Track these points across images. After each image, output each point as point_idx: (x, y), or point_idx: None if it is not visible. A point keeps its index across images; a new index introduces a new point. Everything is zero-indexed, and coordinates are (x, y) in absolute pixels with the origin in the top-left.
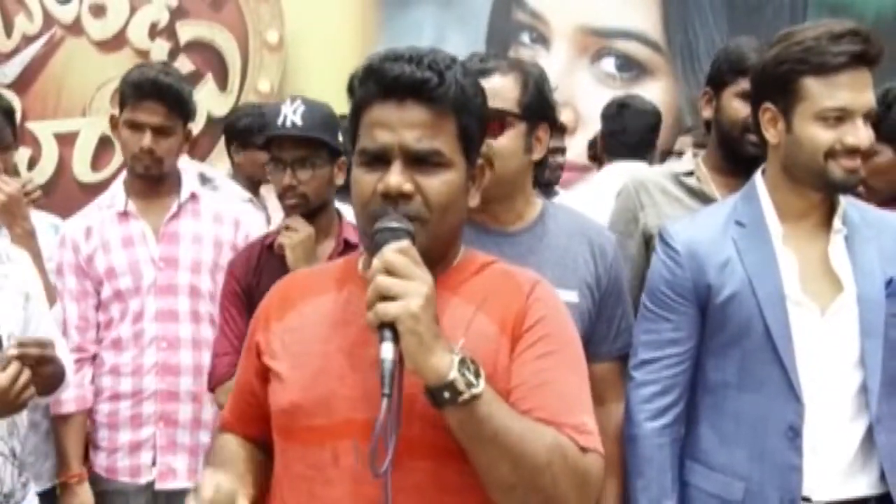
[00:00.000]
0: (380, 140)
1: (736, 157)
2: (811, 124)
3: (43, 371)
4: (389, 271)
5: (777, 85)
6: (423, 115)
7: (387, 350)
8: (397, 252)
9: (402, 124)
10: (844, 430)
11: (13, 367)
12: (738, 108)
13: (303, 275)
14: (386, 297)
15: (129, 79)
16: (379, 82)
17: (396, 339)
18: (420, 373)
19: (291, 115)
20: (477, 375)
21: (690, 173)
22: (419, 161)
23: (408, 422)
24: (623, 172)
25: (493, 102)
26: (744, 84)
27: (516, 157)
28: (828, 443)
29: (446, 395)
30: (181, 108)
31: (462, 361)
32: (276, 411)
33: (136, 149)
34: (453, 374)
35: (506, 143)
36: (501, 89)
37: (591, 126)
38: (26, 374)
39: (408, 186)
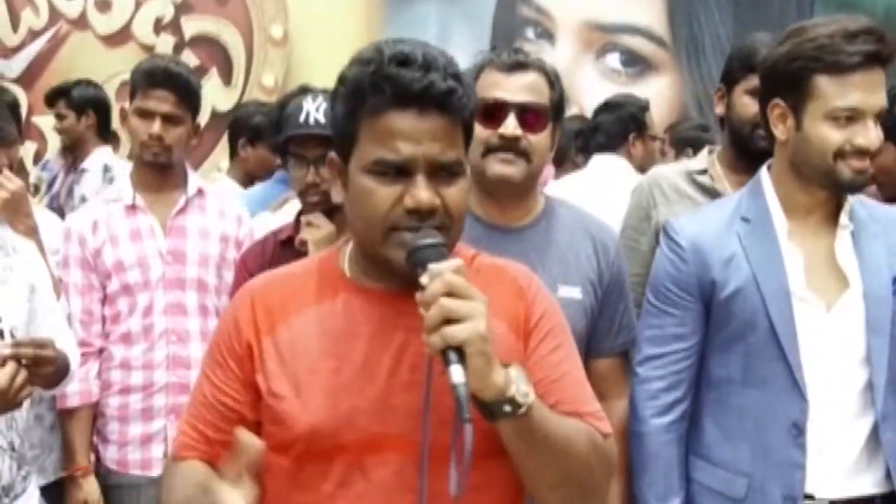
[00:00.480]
0: (404, 152)
1: (747, 154)
2: (821, 123)
3: (41, 371)
4: (451, 293)
5: (788, 81)
6: (442, 124)
7: (458, 374)
8: (455, 272)
9: (425, 135)
10: (849, 427)
11: (10, 367)
12: (747, 105)
13: (274, 282)
14: (451, 320)
15: (141, 68)
16: (400, 90)
17: (461, 360)
18: (483, 390)
19: (314, 112)
20: (526, 384)
21: (704, 171)
22: (439, 171)
23: (442, 429)
24: (600, 165)
25: (534, 98)
26: (754, 80)
27: (547, 153)
28: (833, 440)
29: (507, 408)
30: (190, 98)
31: (516, 373)
32: (287, 435)
33: (145, 136)
34: (513, 388)
35: (542, 140)
36: (539, 86)
37: None
38: (23, 374)
39: (436, 201)
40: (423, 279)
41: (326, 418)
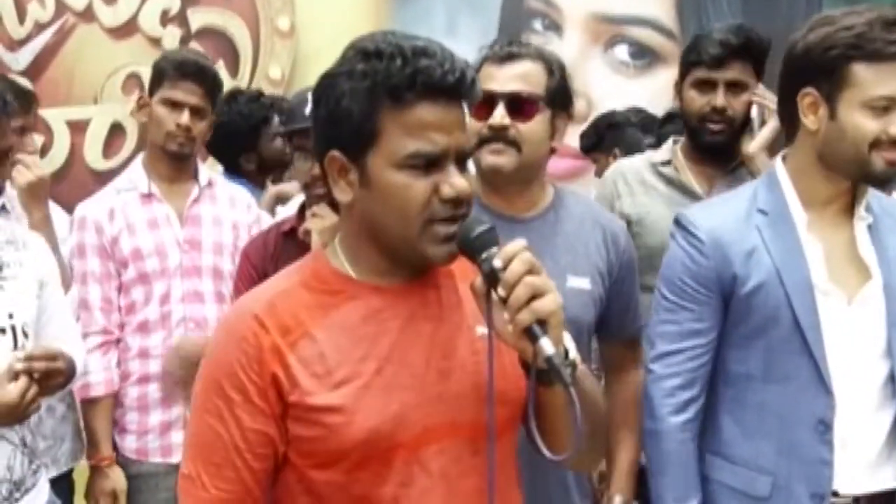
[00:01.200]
0: (440, 143)
1: (700, 146)
2: (858, 112)
3: (51, 383)
4: (531, 271)
5: (822, 70)
6: (461, 113)
7: (549, 345)
8: (526, 250)
9: (454, 125)
10: (872, 421)
11: (22, 382)
12: (693, 98)
13: (274, 299)
14: (536, 295)
15: (170, 58)
16: (434, 83)
17: (544, 332)
18: None
19: None
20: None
21: (668, 162)
22: (459, 160)
23: (488, 405)
24: None
25: (524, 86)
26: (697, 73)
27: (543, 142)
28: (856, 435)
29: (569, 370)
30: (214, 93)
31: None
32: (339, 447)
33: (173, 125)
34: (572, 349)
35: (535, 128)
36: (532, 74)
37: None
38: (34, 389)
39: (470, 187)
40: (496, 262)
41: (382, 420)
